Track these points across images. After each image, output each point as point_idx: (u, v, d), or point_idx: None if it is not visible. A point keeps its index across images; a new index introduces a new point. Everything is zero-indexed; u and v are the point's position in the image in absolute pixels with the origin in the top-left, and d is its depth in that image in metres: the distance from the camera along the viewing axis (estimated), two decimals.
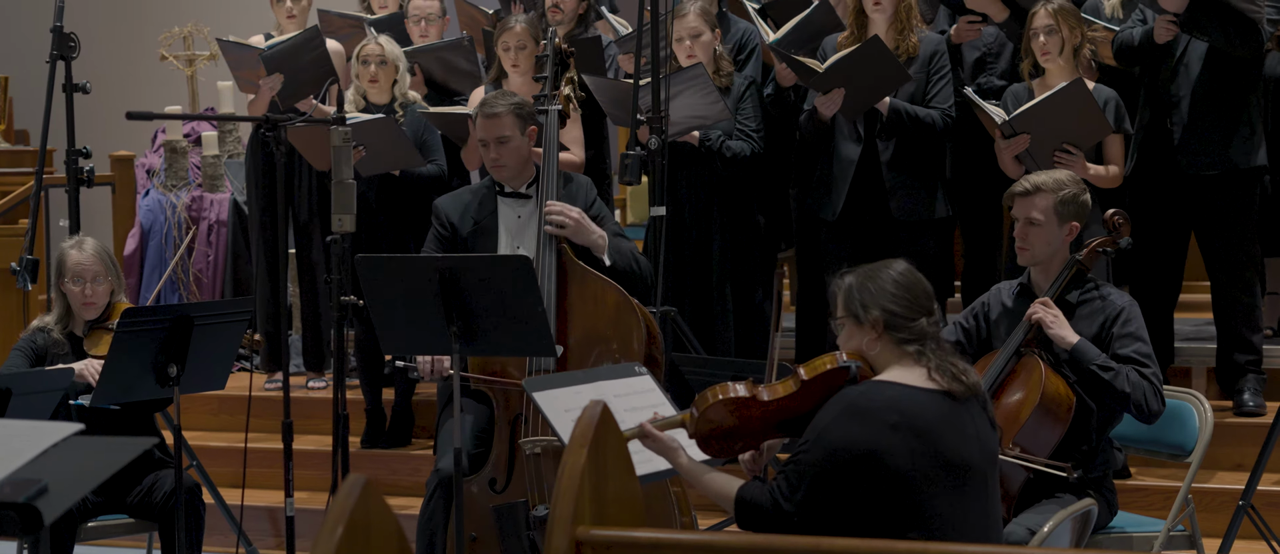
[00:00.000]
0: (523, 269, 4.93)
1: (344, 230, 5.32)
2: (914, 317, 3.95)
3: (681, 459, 4.09)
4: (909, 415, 3.83)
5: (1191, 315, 7.54)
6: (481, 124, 5.76)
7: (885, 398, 3.85)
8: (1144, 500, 6.13)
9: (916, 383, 3.91)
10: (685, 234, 6.92)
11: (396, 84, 7.30)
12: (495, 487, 5.48)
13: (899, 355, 3.96)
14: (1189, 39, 6.51)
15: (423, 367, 5.62)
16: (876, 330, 3.96)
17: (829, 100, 6.58)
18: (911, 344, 3.94)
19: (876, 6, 6.63)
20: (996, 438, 4.07)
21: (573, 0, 7.43)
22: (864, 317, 3.97)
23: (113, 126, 7.24)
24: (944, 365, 3.93)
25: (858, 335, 4.00)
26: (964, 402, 3.92)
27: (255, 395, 6.47)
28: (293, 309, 8.25)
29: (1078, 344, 4.91)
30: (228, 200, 9.27)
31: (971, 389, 3.95)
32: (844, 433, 3.82)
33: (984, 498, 3.94)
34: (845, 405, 3.85)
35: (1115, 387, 4.86)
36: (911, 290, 3.98)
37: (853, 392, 3.90)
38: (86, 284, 5.82)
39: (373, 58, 7.25)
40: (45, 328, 5.88)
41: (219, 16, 10.45)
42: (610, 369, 4.56)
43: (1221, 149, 6.50)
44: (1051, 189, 5.05)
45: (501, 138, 5.71)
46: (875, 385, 3.92)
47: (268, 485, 6.80)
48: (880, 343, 3.97)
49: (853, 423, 3.82)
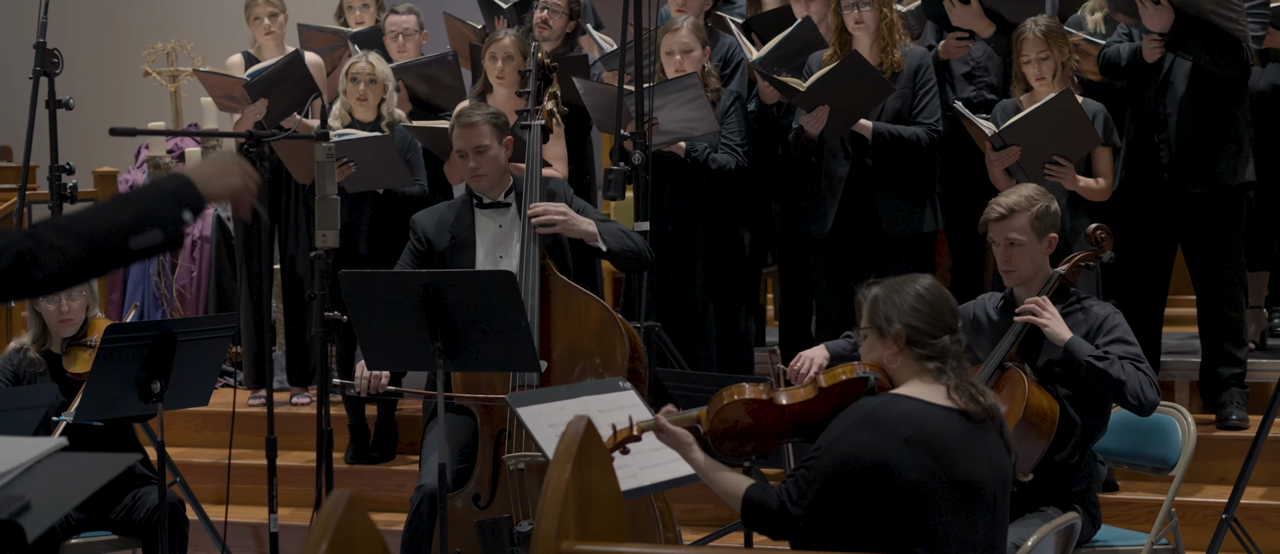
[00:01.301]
0: (507, 284, 4.93)
1: (327, 246, 5.31)
2: (937, 334, 3.94)
3: (696, 454, 4.08)
4: (924, 431, 3.82)
5: (1175, 329, 7.56)
6: (459, 134, 5.76)
7: (901, 411, 3.85)
8: (1127, 514, 6.14)
9: (934, 400, 3.90)
10: (669, 249, 6.93)
11: (383, 102, 7.30)
12: (479, 502, 5.47)
13: (919, 371, 3.95)
14: (1175, 57, 6.53)
15: (360, 383, 5.55)
16: (898, 344, 3.95)
17: (814, 118, 6.59)
18: (932, 361, 3.93)
19: (858, 24, 6.64)
20: (1011, 463, 4.04)
21: (562, 18, 7.44)
22: (887, 329, 3.96)
23: (96, 142, 7.23)
24: (963, 385, 3.92)
25: (880, 347, 3.99)
26: (980, 423, 3.91)
27: (239, 411, 6.46)
28: (276, 325, 8.25)
29: (1071, 340, 4.92)
30: (211, 216, 9.26)
31: (988, 411, 3.93)
32: (857, 442, 3.81)
33: (992, 520, 3.92)
34: (861, 415, 3.85)
35: (1110, 374, 4.85)
36: (936, 307, 3.97)
37: (869, 402, 3.90)
38: (62, 301, 5.81)
39: (363, 76, 7.25)
40: (22, 348, 5.87)
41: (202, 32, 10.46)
42: (594, 384, 4.56)
43: (1209, 166, 6.52)
44: (1024, 207, 5.06)
45: (480, 147, 5.72)
46: (892, 399, 3.91)
47: (251, 501, 6.79)
48: (901, 357, 3.96)
49: (866, 433, 3.81)
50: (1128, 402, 4.89)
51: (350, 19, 8.39)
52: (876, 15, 6.64)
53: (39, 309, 5.84)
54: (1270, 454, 6.15)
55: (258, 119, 7.47)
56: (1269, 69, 7.07)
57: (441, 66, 7.73)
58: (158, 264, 9.27)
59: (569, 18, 7.47)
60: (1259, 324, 7.41)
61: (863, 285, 4.10)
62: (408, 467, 7.29)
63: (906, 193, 6.72)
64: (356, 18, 8.35)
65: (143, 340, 5.26)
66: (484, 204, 5.81)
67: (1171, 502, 5.19)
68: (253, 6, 8.01)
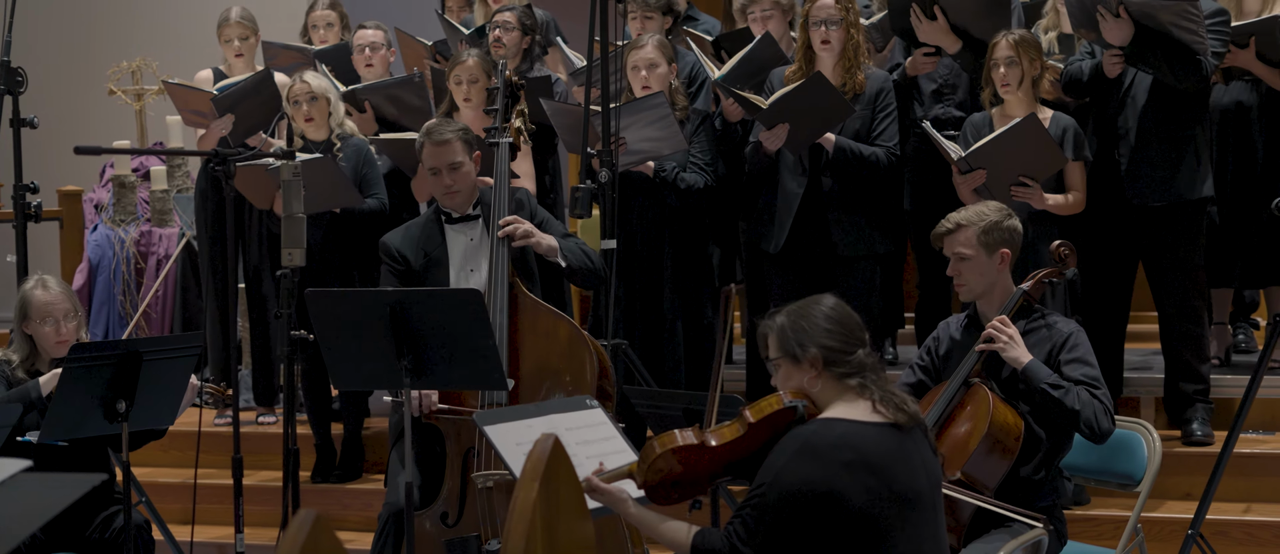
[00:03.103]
0: (474, 302, 4.93)
1: (294, 264, 5.30)
2: (851, 350, 3.97)
3: (631, 510, 4.09)
4: (862, 452, 3.83)
5: (1139, 346, 7.59)
6: (432, 151, 5.76)
7: (837, 436, 3.86)
8: (1094, 530, 6.16)
9: (863, 417, 3.92)
10: (636, 267, 6.93)
11: (331, 116, 7.20)
12: (447, 521, 5.46)
13: (841, 390, 3.96)
14: (1136, 72, 6.57)
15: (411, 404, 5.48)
16: (816, 367, 3.97)
17: (773, 135, 6.62)
18: (852, 378, 3.95)
19: (825, 44, 6.67)
20: (939, 463, 4.09)
21: (515, 35, 7.42)
22: (801, 355, 3.97)
23: (61, 161, 7.20)
24: (887, 396, 3.95)
25: (797, 374, 4.00)
26: (909, 431, 3.94)
27: (205, 431, 6.44)
28: (242, 344, 8.22)
29: (1029, 363, 4.94)
30: (176, 235, 9.23)
31: (913, 418, 3.97)
32: (800, 474, 3.81)
33: (933, 525, 3.97)
34: (799, 446, 3.85)
35: (1065, 404, 4.87)
36: (844, 324, 4.00)
37: (804, 431, 3.90)
38: (59, 323, 5.72)
39: (302, 96, 7.12)
40: (8, 361, 5.79)
41: (167, 51, 10.42)
42: (562, 402, 4.56)
43: (1168, 180, 6.55)
44: (972, 222, 5.09)
45: (454, 164, 5.73)
46: (825, 424, 3.92)
47: (218, 521, 6.76)
48: (821, 379, 3.98)
49: (807, 464, 3.82)
50: (1082, 430, 4.91)
51: (314, 37, 8.38)
52: (844, 36, 6.66)
53: (30, 331, 5.75)
54: (1235, 470, 6.18)
55: (223, 134, 7.45)
56: (1233, 86, 7.11)
57: (408, 87, 7.71)
58: (123, 283, 9.23)
59: (523, 34, 7.45)
60: (1223, 340, 7.44)
61: (762, 319, 4.11)
62: (375, 485, 7.27)
63: (860, 213, 6.75)
64: (321, 37, 8.33)
65: (108, 359, 5.23)
66: (453, 219, 5.81)
67: (1137, 517, 5.21)
68: (224, 27, 7.99)
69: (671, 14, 7.34)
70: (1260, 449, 6.57)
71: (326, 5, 8.42)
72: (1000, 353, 4.99)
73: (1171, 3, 6.33)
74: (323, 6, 8.42)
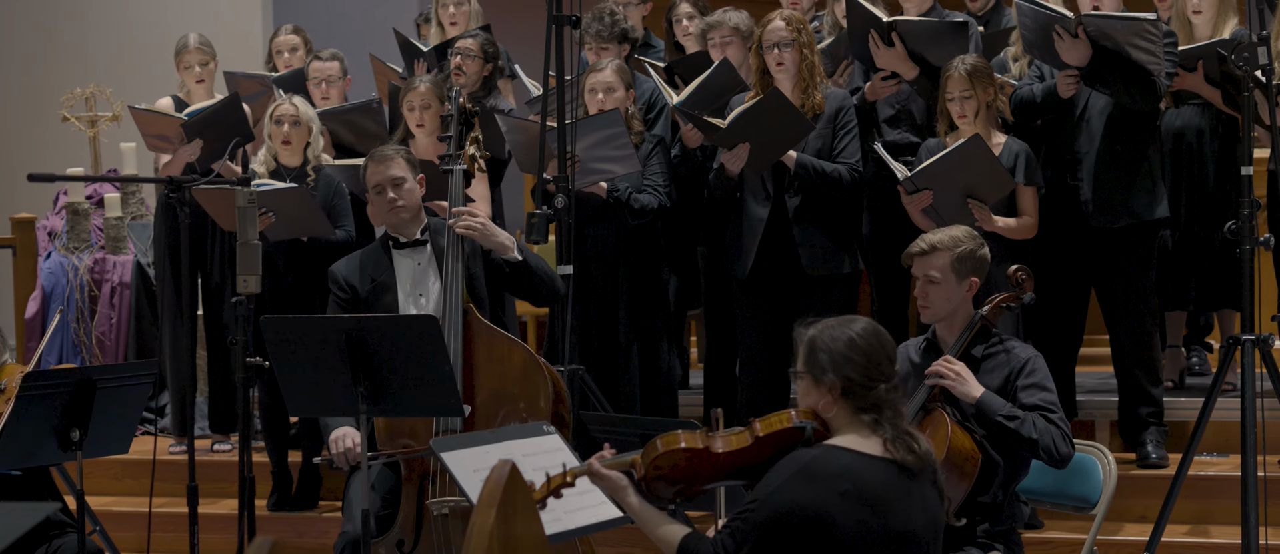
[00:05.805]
0: (430, 329, 4.92)
1: (249, 292, 5.28)
2: (872, 384, 3.93)
3: (631, 499, 4.08)
4: (860, 485, 3.82)
5: (1093, 369, 7.63)
6: (374, 169, 5.78)
7: (839, 465, 3.85)
8: (1050, 553, 6.17)
9: (871, 451, 3.90)
10: (592, 292, 6.93)
11: (309, 146, 7.24)
12: (403, 548, 5.44)
13: (855, 422, 3.95)
14: (1090, 94, 6.61)
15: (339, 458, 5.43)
16: (833, 395, 3.95)
17: (734, 155, 6.63)
18: (867, 413, 3.93)
19: (779, 66, 6.69)
20: (944, 509, 4.06)
21: (476, 63, 7.42)
22: (821, 378, 3.96)
23: (14, 188, 7.18)
24: (899, 436, 3.91)
25: (815, 394, 3.99)
26: (916, 473, 3.93)
27: (160, 459, 6.40)
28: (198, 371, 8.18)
29: (982, 397, 4.95)
30: (131, 262, 9.19)
31: (923, 460, 3.94)
32: (793, 495, 3.81)
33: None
34: (798, 468, 3.85)
35: (1022, 434, 4.89)
36: (870, 356, 3.95)
37: (806, 454, 3.89)
38: None
39: (287, 118, 7.18)
40: None
41: (122, 78, 10.37)
42: (518, 428, 4.55)
43: (1124, 202, 6.60)
44: (948, 247, 5.11)
45: (396, 179, 5.74)
46: (829, 451, 3.91)
47: (172, 550, 6.71)
48: (836, 407, 3.96)
49: (802, 486, 3.82)
50: (1041, 457, 4.92)
51: (279, 63, 8.36)
52: (797, 57, 6.68)
53: None
54: (1190, 492, 6.21)
55: (191, 160, 7.42)
56: (1183, 110, 7.16)
57: (365, 113, 7.70)
58: (76, 310, 9.18)
59: (485, 61, 7.45)
60: (1177, 363, 7.49)
61: (800, 324, 4.10)
62: (331, 513, 7.24)
63: (826, 231, 6.75)
64: (286, 62, 8.31)
65: (61, 387, 5.20)
66: (400, 244, 5.81)
67: (1093, 540, 5.23)
68: (184, 54, 7.96)
69: (628, 41, 7.34)
70: (1214, 472, 6.60)
71: (290, 31, 8.41)
72: (950, 391, 5.00)
73: (1131, 22, 6.38)
74: (286, 32, 8.41)
